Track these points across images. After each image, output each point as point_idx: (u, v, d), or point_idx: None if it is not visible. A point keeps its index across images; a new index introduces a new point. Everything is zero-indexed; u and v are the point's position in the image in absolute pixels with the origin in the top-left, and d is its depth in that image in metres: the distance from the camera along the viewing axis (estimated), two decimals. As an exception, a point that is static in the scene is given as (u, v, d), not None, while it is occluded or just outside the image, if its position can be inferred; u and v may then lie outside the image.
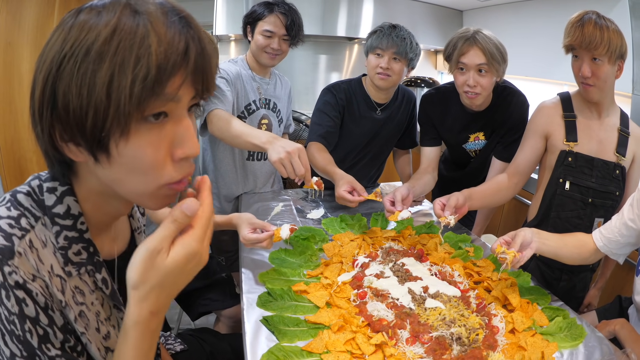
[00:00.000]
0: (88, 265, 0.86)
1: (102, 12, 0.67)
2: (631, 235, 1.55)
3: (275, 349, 1.20)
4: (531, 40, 4.14)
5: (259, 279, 1.56)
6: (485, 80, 2.06)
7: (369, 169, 2.66)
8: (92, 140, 0.68)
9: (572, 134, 1.91)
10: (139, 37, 0.65)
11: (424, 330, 1.29)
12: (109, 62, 0.64)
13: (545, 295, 1.60)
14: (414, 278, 1.59)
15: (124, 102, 0.65)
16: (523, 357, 1.23)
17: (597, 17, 1.76)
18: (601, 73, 1.75)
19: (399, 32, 2.22)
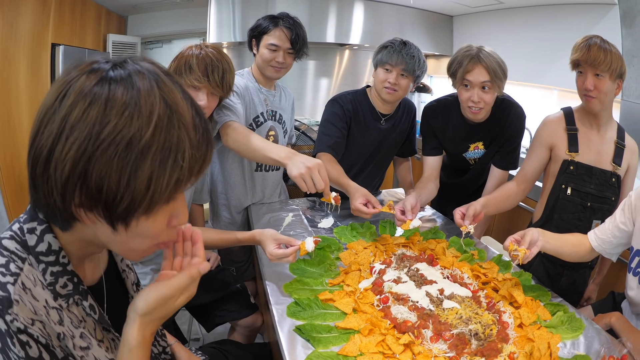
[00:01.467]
0: (75, 295, 0.92)
1: (139, 103, 0.73)
2: (623, 236, 1.73)
3: (313, 355, 1.32)
4: (520, 45, 4.26)
5: (285, 290, 1.67)
6: (489, 96, 2.20)
7: (372, 177, 2.77)
8: (119, 217, 0.78)
9: (574, 145, 2.10)
10: (176, 139, 0.76)
11: (445, 329, 1.44)
12: (151, 161, 0.74)
13: (546, 293, 1.77)
14: (429, 282, 1.74)
15: (160, 194, 0.77)
16: (532, 348, 1.38)
17: (601, 41, 1.95)
18: (603, 87, 1.95)
19: (409, 49, 2.32)
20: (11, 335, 0.78)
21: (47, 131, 0.74)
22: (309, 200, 2.72)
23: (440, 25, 5.38)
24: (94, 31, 3.85)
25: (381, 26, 5.09)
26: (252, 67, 2.54)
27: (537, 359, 1.34)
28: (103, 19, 4.04)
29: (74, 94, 0.73)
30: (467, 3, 4.67)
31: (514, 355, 1.35)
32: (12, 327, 0.78)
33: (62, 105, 0.73)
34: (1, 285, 0.80)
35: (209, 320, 2.25)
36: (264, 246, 1.76)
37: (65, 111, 0.73)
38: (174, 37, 4.79)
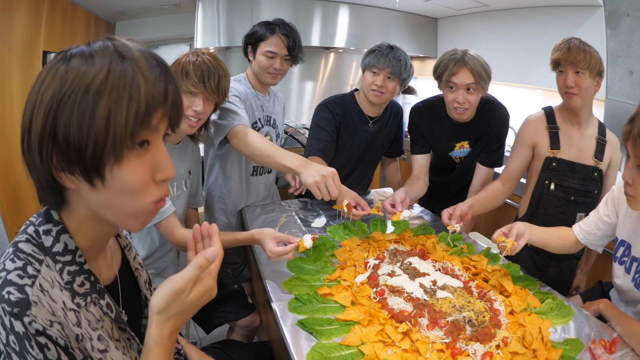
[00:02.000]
0: (92, 294, 0.95)
1: (94, 57, 0.79)
2: (607, 228, 1.83)
3: (317, 346, 1.39)
4: (505, 47, 4.35)
5: (284, 287, 1.73)
6: (473, 97, 2.30)
7: (361, 178, 2.85)
8: (90, 167, 0.80)
9: (556, 143, 2.19)
10: (130, 78, 0.78)
11: (440, 317, 1.52)
12: (106, 99, 0.77)
13: (535, 282, 1.86)
14: (422, 274, 1.82)
15: (120, 132, 0.78)
16: (524, 332, 1.47)
17: (580, 42, 2.06)
18: (583, 83, 2.05)
19: (396, 53, 2.40)
20: (29, 338, 0.79)
21: (28, 107, 0.82)
22: (301, 201, 2.78)
23: (425, 27, 5.45)
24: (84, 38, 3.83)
25: (366, 29, 5.15)
26: (247, 72, 2.57)
27: (529, 343, 1.42)
28: (92, 25, 4.05)
29: (46, 68, 0.82)
30: (452, 6, 4.72)
31: (507, 339, 1.43)
32: (30, 330, 0.79)
33: (35, 83, 0.81)
34: (19, 287, 0.81)
35: (208, 322, 2.29)
36: (263, 245, 1.80)
37: (41, 80, 0.80)
38: (161, 42, 4.79)
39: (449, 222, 2.09)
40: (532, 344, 1.41)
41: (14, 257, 0.86)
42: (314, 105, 2.70)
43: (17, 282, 0.82)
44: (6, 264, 0.85)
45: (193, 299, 0.94)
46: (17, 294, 0.80)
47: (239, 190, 2.61)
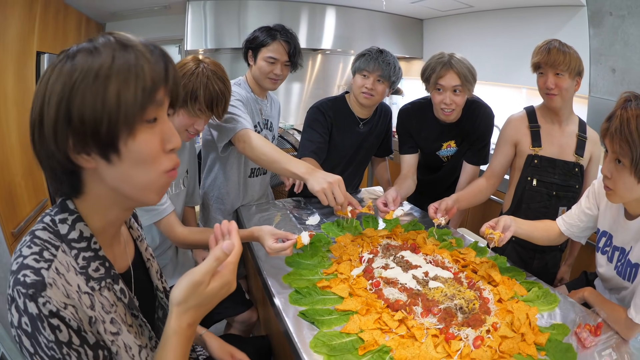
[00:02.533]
0: (107, 278, 1.00)
1: (99, 49, 0.86)
2: (589, 220, 1.94)
3: (319, 335, 1.48)
4: (490, 47, 4.45)
5: (284, 281, 1.82)
6: (459, 99, 2.41)
7: (352, 177, 2.93)
8: (107, 142, 0.87)
9: (537, 141, 2.29)
10: (133, 61, 0.87)
11: (433, 305, 1.63)
12: (115, 80, 0.84)
13: (521, 273, 1.97)
14: (414, 266, 1.93)
15: (131, 107, 0.86)
16: (512, 318, 1.58)
17: (559, 44, 2.15)
18: (563, 84, 2.15)
19: (385, 57, 2.48)
20: (42, 319, 0.83)
21: (36, 102, 0.88)
22: (294, 200, 2.86)
23: (411, 28, 5.53)
24: (75, 39, 3.80)
25: (353, 31, 5.23)
26: (246, 76, 2.62)
27: (517, 328, 1.53)
28: (83, 26, 4.06)
29: (51, 67, 0.88)
30: (437, 7, 4.80)
31: (496, 325, 1.54)
32: (43, 311, 0.83)
33: (44, 79, 0.88)
34: (35, 270, 0.86)
35: (207, 318, 2.32)
36: (262, 241, 1.86)
37: (46, 79, 0.87)
38: None
39: (435, 215, 2.20)
40: (520, 329, 1.52)
41: (31, 243, 0.91)
42: (302, 106, 2.80)
43: (33, 265, 0.87)
44: (22, 250, 0.90)
45: (211, 291, 0.97)
46: (33, 276, 0.85)
47: (237, 190, 2.68)
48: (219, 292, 0.99)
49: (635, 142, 1.48)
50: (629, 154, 1.50)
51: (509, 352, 1.42)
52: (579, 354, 1.47)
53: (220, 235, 1.27)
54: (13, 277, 0.86)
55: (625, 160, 1.53)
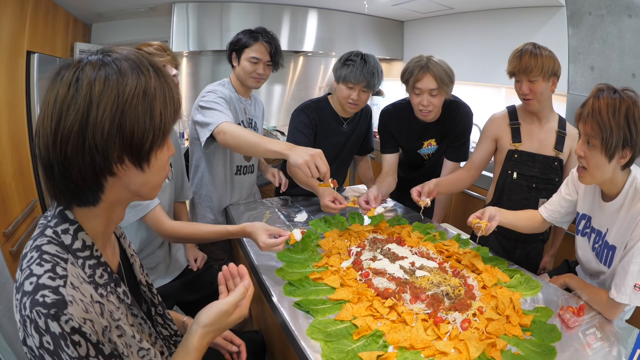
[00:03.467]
0: (111, 283, 1.06)
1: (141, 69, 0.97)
2: (569, 205, 2.06)
3: (315, 323, 1.56)
4: (470, 48, 4.51)
5: (277, 274, 1.89)
6: (437, 100, 2.49)
7: (336, 175, 2.97)
8: (145, 153, 0.99)
9: (517, 137, 2.40)
10: (167, 84, 1.01)
11: (421, 292, 1.73)
12: (158, 101, 0.98)
13: (503, 261, 2.08)
14: (401, 257, 2.03)
15: (168, 124, 1.02)
16: (497, 302, 1.68)
17: (533, 47, 2.23)
18: (537, 89, 2.25)
19: (369, 67, 2.52)
20: (65, 337, 0.86)
21: (72, 112, 0.90)
22: (282, 199, 2.94)
23: (392, 30, 5.60)
24: (63, 39, 3.84)
25: (334, 33, 5.28)
26: (230, 77, 2.70)
27: (502, 311, 1.63)
28: (70, 26, 4.05)
29: (87, 78, 0.91)
30: (418, 9, 4.84)
31: (482, 309, 1.64)
32: (66, 328, 0.86)
33: (78, 88, 0.91)
34: (53, 289, 0.88)
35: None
36: (255, 237, 1.91)
37: (86, 89, 0.90)
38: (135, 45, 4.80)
39: (419, 198, 2.30)
40: (505, 311, 1.62)
41: (41, 260, 0.93)
42: (284, 108, 2.85)
43: (50, 284, 0.89)
44: (33, 268, 0.92)
45: (232, 320, 1.22)
46: (53, 295, 0.87)
47: (224, 188, 2.74)
48: (237, 320, 1.24)
49: (605, 124, 1.60)
50: (599, 135, 1.62)
51: (495, 333, 1.52)
52: (564, 334, 1.57)
53: (230, 275, 1.41)
54: (29, 298, 0.88)
55: (596, 141, 1.65)
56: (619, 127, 1.60)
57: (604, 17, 3.14)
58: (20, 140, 2.93)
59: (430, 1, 4.37)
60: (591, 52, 3.30)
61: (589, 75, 3.36)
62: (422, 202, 2.29)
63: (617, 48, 3.11)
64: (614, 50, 3.13)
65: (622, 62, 3.10)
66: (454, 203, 4.01)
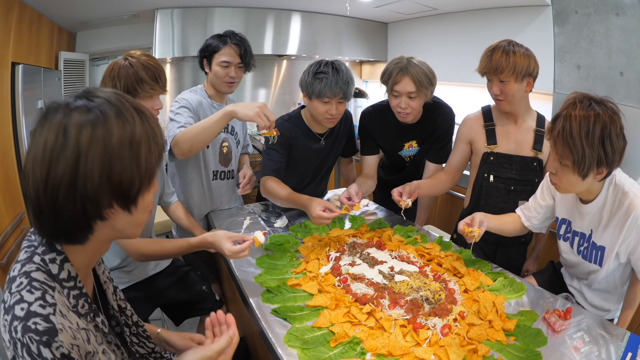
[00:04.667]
0: (91, 313, 1.08)
1: (125, 116, 0.97)
2: (546, 211, 2.02)
3: (292, 330, 1.53)
4: (454, 48, 4.48)
5: (256, 281, 1.86)
6: (415, 103, 2.42)
7: (318, 185, 2.93)
8: (133, 198, 1.01)
9: (492, 139, 2.33)
10: (151, 129, 1.02)
11: (400, 297, 1.69)
12: (143, 149, 0.99)
13: (486, 264, 2.04)
14: (380, 262, 1.99)
15: (154, 168, 1.03)
16: (479, 307, 1.64)
17: (507, 44, 2.13)
18: (508, 90, 2.15)
19: (342, 76, 2.37)
20: None
21: (61, 163, 0.92)
22: (262, 204, 2.89)
23: (375, 32, 5.57)
24: (47, 49, 3.81)
25: (318, 36, 5.26)
26: (204, 84, 2.66)
27: (484, 316, 1.60)
28: (55, 36, 4.02)
29: (75, 126, 0.92)
30: (402, 10, 4.81)
31: (463, 313, 1.61)
32: (56, 354, 0.90)
33: (67, 138, 0.92)
34: (44, 317, 0.92)
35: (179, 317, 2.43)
36: (219, 246, 1.85)
37: (75, 140, 0.92)
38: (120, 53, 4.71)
39: (400, 198, 2.25)
40: (487, 316, 1.59)
41: (31, 287, 0.96)
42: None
43: (42, 312, 0.93)
44: (24, 295, 0.95)
45: None
46: (44, 323, 0.91)
47: (202, 195, 2.70)
48: None
49: (577, 147, 1.54)
50: (570, 157, 1.57)
51: (477, 339, 1.49)
52: (550, 338, 1.54)
53: (217, 322, 1.42)
54: (21, 324, 0.91)
55: (567, 162, 1.59)
56: (592, 149, 1.54)
57: (590, 15, 3.11)
58: (7, 152, 2.89)
59: (414, 2, 4.34)
60: (577, 50, 3.28)
61: (575, 74, 3.33)
62: (402, 202, 2.24)
63: (605, 46, 3.08)
64: (601, 49, 3.11)
65: (609, 60, 3.07)
66: (439, 204, 3.98)
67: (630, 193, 1.67)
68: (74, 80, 4.30)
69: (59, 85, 3.99)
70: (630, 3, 2.85)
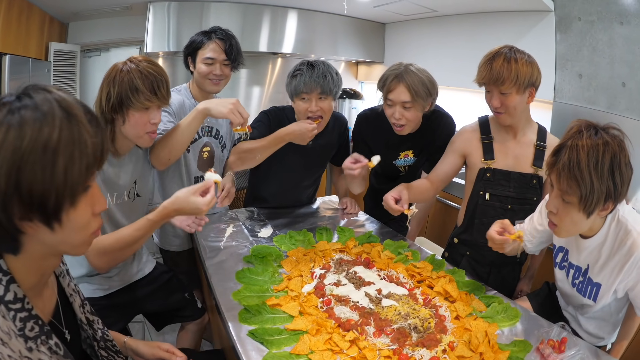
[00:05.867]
0: (42, 336, 1.01)
1: (44, 113, 0.87)
2: (542, 236, 1.90)
3: (268, 356, 1.42)
4: (453, 52, 4.37)
5: (234, 298, 1.75)
6: (410, 114, 2.29)
7: (307, 188, 2.87)
8: (51, 214, 0.91)
9: (489, 154, 2.18)
10: (77, 134, 0.90)
11: (386, 324, 1.58)
12: (62, 155, 0.87)
13: (481, 287, 1.93)
14: (367, 283, 1.87)
15: (76, 182, 0.91)
16: (470, 336, 1.53)
17: (508, 51, 1.99)
18: (509, 102, 2.01)
19: (318, 70, 2.36)
20: None
21: None
22: (248, 211, 2.79)
23: (373, 32, 5.48)
24: (37, 40, 3.74)
25: (314, 34, 5.17)
26: (189, 83, 2.56)
27: (475, 347, 1.49)
28: (46, 26, 3.94)
29: None
30: (400, 11, 4.72)
31: (453, 344, 1.50)
32: None
33: None
34: None
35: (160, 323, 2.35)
36: (188, 206, 1.68)
37: None
38: (112, 45, 4.71)
39: (401, 207, 2.07)
40: (479, 348, 1.48)
41: None
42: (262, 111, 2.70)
43: None
44: None
45: None
46: None
47: None
48: None
49: (585, 181, 1.41)
50: (577, 192, 1.44)
51: (466, 373, 1.37)
52: (544, 371, 1.43)
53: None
54: None
55: (573, 198, 1.47)
56: (601, 182, 1.41)
57: (594, 23, 3.02)
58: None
59: (413, 3, 4.25)
60: (580, 59, 3.18)
61: (576, 83, 3.23)
62: (408, 211, 2.08)
63: (607, 55, 2.99)
64: (604, 58, 3.01)
65: (611, 70, 2.98)
66: (432, 214, 3.86)
67: (633, 232, 1.54)
68: (64, 72, 4.23)
69: (48, 77, 3.92)
70: (635, 12, 2.77)
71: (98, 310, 1.37)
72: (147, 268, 2.26)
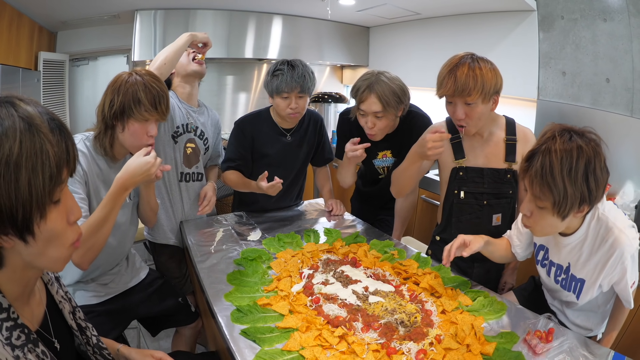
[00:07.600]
0: (28, 344, 1.01)
1: (6, 131, 0.87)
2: (527, 239, 1.94)
3: (261, 353, 1.46)
4: (436, 53, 4.26)
5: (225, 299, 1.79)
6: (382, 123, 2.38)
7: (292, 187, 2.90)
8: (22, 227, 0.91)
9: (460, 153, 2.15)
10: (39, 145, 0.89)
11: (373, 320, 1.62)
12: (24, 170, 0.87)
13: (466, 282, 1.98)
14: (354, 281, 1.92)
15: (41, 194, 0.90)
16: (457, 329, 1.58)
17: (470, 60, 1.92)
18: (475, 114, 1.97)
19: (298, 71, 2.48)
20: None
21: None
22: (236, 215, 2.82)
23: (357, 36, 5.55)
24: (27, 49, 3.78)
25: (299, 39, 5.23)
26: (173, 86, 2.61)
27: (462, 339, 1.53)
28: (35, 35, 3.97)
29: None
30: (384, 15, 4.77)
31: (440, 337, 1.54)
32: None
33: None
34: None
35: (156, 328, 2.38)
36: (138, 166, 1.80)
37: None
38: (100, 54, 4.75)
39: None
40: (465, 340, 1.52)
41: None
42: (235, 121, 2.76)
43: None
44: None
45: None
46: None
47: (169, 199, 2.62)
48: None
49: (558, 187, 1.42)
50: (550, 199, 1.46)
51: (453, 365, 1.42)
52: (531, 361, 1.48)
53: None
54: None
55: (546, 203, 1.49)
56: (575, 187, 1.42)
57: (577, 21, 3.08)
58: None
59: (396, 7, 4.31)
60: (563, 56, 3.24)
61: (560, 81, 3.28)
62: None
63: (591, 52, 3.04)
64: (587, 55, 3.07)
65: (595, 66, 3.03)
66: (418, 213, 3.89)
67: (614, 229, 1.57)
68: (53, 81, 4.26)
69: (37, 86, 3.96)
70: (618, 8, 2.83)
71: (95, 317, 1.41)
72: (141, 274, 2.29)
